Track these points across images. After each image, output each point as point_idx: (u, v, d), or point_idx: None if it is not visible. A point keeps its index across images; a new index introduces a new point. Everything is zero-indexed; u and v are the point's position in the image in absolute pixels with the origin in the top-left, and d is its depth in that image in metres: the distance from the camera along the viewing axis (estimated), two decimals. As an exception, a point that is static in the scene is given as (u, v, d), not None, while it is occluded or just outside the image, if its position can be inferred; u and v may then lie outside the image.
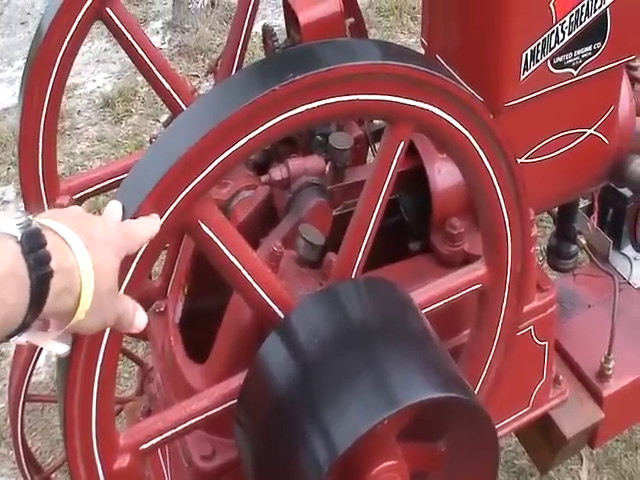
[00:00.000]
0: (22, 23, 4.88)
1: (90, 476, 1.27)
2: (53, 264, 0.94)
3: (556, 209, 2.16)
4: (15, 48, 4.56)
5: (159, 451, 1.71)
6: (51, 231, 0.97)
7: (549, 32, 1.62)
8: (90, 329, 1.06)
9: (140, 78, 3.89)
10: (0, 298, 0.90)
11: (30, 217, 0.96)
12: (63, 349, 1.07)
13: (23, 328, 0.95)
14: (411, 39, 4.39)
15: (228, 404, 1.34)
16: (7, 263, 0.91)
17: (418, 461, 1.31)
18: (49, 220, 0.98)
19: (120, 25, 1.75)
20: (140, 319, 1.12)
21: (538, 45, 1.61)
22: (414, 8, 4.62)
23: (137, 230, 1.12)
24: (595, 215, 2.17)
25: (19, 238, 0.93)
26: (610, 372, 2.07)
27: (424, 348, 1.34)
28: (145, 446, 1.31)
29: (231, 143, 1.17)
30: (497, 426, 1.74)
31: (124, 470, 1.29)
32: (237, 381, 1.34)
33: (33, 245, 0.93)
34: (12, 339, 0.97)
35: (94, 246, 1.00)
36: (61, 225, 0.98)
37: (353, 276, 1.40)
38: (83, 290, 0.98)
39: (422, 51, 1.80)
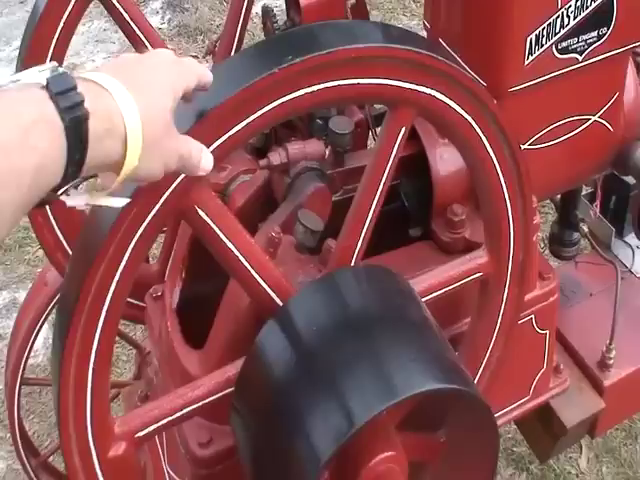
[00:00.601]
0: (21, 2, 4.84)
1: (84, 463, 1.26)
2: (87, 105, 0.88)
3: (558, 196, 2.14)
4: (14, 27, 4.52)
5: (156, 437, 1.70)
6: (81, 79, 0.91)
7: (554, 16, 1.60)
8: (151, 175, 0.99)
9: (139, 58, 3.87)
10: (30, 145, 0.84)
11: (56, 64, 0.91)
12: (123, 202, 1.02)
13: (69, 179, 0.89)
14: (413, 21, 4.35)
15: (225, 392, 1.33)
16: (33, 109, 0.85)
17: (417, 451, 1.30)
18: (84, 73, 0.93)
19: (118, 5, 1.73)
20: (207, 160, 1.06)
21: (543, 29, 1.59)
22: (416, -11, 4.59)
23: (192, 64, 1.06)
24: (598, 203, 2.15)
25: (44, 84, 0.88)
26: (611, 362, 2.05)
27: (424, 338, 1.32)
28: (141, 433, 1.30)
29: (229, 126, 1.15)
30: (497, 415, 1.74)
31: (119, 457, 1.28)
32: (234, 369, 1.32)
33: (61, 88, 0.87)
34: (62, 193, 0.91)
35: (138, 85, 0.94)
36: (97, 73, 0.93)
37: (353, 263, 1.38)
38: (129, 132, 0.92)
39: (424, 34, 1.78)
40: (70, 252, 1.83)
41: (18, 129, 0.83)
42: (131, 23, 1.75)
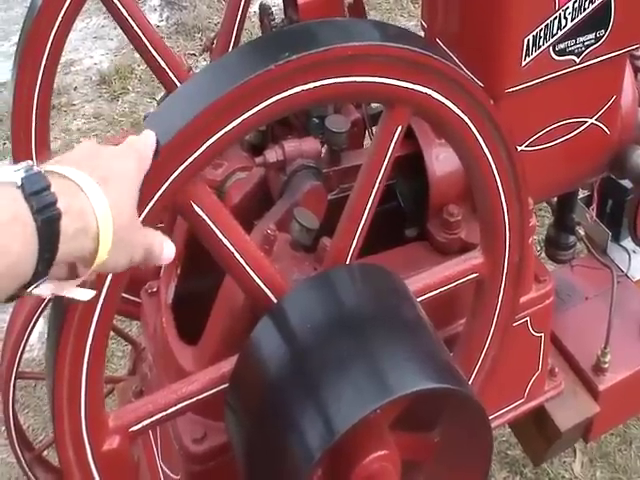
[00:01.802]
0: (20, -3, 4.86)
1: (78, 457, 1.26)
2: (61, 205, 0.90)
3: (555, 199, 2.14)
4: (12, 23, 4.52)
5: (150, 433, 1.70)
6: (56, 174, 0.93)
7: (551, 18, 1.60)
8: (117, 268, 1.01)
9: (137, 56, 3.86)
10: (2, 246, 0.85)
11: (30, 163, 0.93)
12: (89, 294, 1.03)
13: (38, 277, 0.90)
14: (411, 22, 4.36)
15: (219, 388, 1.33)
16: (7, 209, 0.87)
17: (410, 450, 1.30)
18: (54, 165, 0.94)
19: (116, 1, 1.73)
20: (168, 249, 1.08)
21: (540, 31, 1.59)
22: (414, -10, 4.60)
23: (141, 147, 1.08)
24: (594, 206, 2.16)
25: (19, 183, 0.89)
26: (606, 366, 2.05)
27: (418, 337, 1.32)
28: (135, 428, 1.30)
29: (225, 123, 1.15)
30: (491, 417, 1.74)
31: (113, 451, 1.28)
32: (228, 365, 1.32)
33: (35, 188, 0.89)
34: (31, 290, 0.92)
35: (108, 180, 0.96)
36: (67, 167, 0.94)
37: (348, 262, 1.38)
38: (101, 229, 0.94)
39: (422, 34, 1.78)
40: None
41: None
42: (130, 20, 1.75)
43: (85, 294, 1.02)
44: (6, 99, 3.96)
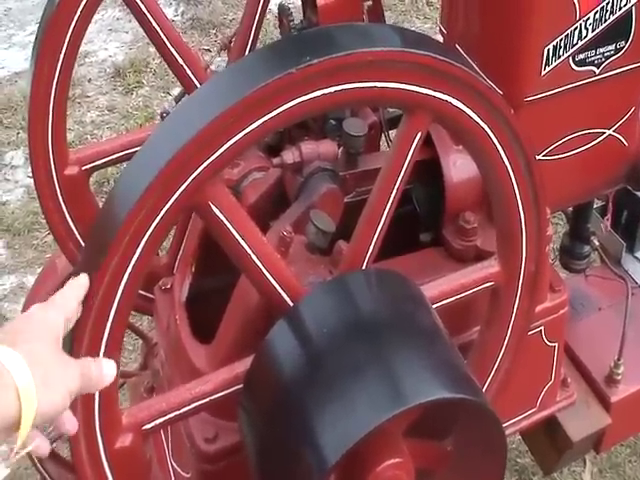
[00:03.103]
0: (35, -13, 4.87)
1: (91, 453, 1.27)
2: None
3: (570, 208, 2.14)
4: (27, 12, 4.53)
5: (161, 431, 1.71)
6: None
7: (572, 28, 1.60)
8: (56, 409, 1.04)
9: (152, 49, 3.86)
10: None
11: None
12: (34, 443, 1.06)
13: None
14: (426, 24, 4.35)
15: (233, 389, 1.33)
16: None
17: (424, 459, 1.30)
18: None
19: None
20: (108, 369, 1.12)
21: (560, 40, 1.59)
22: (430, -8, 4.59)
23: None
24: (609, 216, 2.15)
25: None
26: (619, 377, 2.04)
27: (434, 345, 1.32)
28: (148, 426, 1.30)
29: (245, 125, 1.15)
30: (504, 425, 1.73)
31: (126, 449, 1.29)
32: (242, 366, 1.33)
33: None
34: None
35: (17, 338, 1.01)
36: None
37: (364, 266, 1.39)
38: (17, 381, 0.97)
39: (438, 38, 1.78)
40: (81, 241, 1.84)
41: None
42: (147, 15, 1.75)
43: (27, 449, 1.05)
44: (20, 88, 3.99)
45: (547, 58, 1.60)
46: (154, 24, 1.76)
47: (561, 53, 1.61)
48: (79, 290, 1.15)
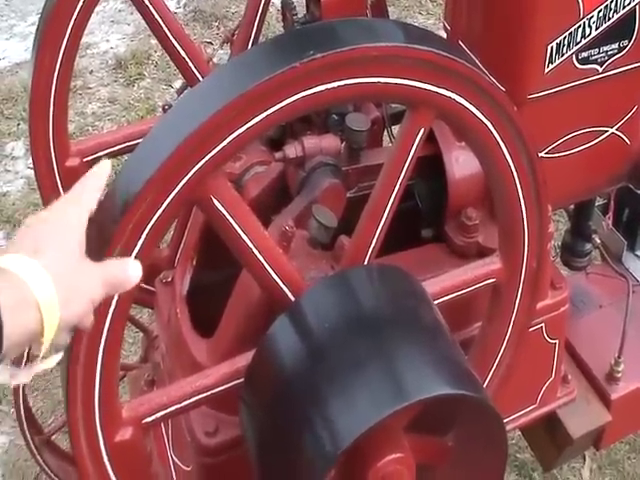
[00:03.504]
0: (36, -23, 4.86)
1: (91, 447, 1.27)
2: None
3: (572, 206, 2.14)
4: (29, 3, 4.52)
5: (162, 424, 1.71)
6: None
7: (575, 26, 1.60)
8: (80, 316, 1.03)
9: (154, 41, 3.85)
10: None
11: None
12: (57, 359, 1.05)
13: None
14: (429, 20, 4.34)
15: (233, 383, 1.33)
16: None
17: (425, 454, 1.30)
18: None
19: None
20: (134, 270, 1.09)
21: (564, 38, 1.59)
22: (433, -12, 4.58)
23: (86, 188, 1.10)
24: (610, 214, 2.15)
25: None
26: (619, 375, 2.04)
27: (436, 341, 1.32)
28: (148, 420, 1.31)
29: (248, 118, 1.15)
30: (503, 421, 1.73)
31: (126, 443, 1.29)
32: (244, 360, 1.33)
33: None
34: None
35: (39, 248, 0.99)
36: (2, 257, 0.97)
37: (366, 261, 1.39)
38: (39, 296, 0.95)
39: (441, 33, 1.78)
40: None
41: None
42: (149, 6, 1.75)
43: (53, 361, 1.04)
44: (21, 79, 3.98)
45: (550, 56, 1.60)
46: (156, 16, 1.76)
47: (564, 51, 1.61)
48: (100, 179, 1.12)
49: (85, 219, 1.06)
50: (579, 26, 1.60)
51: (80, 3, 1.68)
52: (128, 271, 1.09)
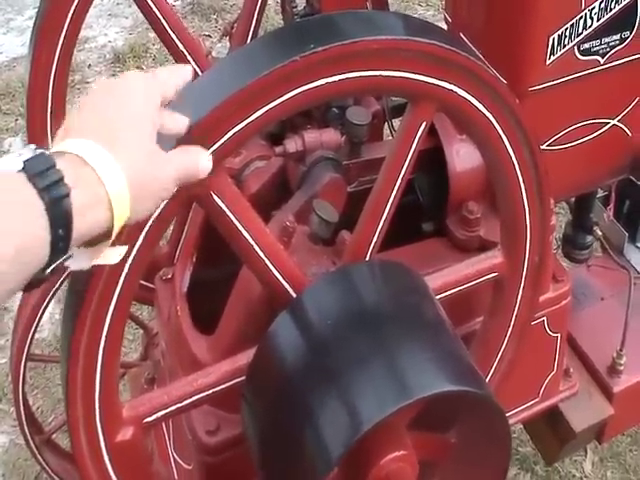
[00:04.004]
0: (33, -29, 4.84)
1: (92, 447, 1.26)
2: (68, 181, 0.88)
3: (573, 198, 2.13)
4: (26, -3, 4.53)
5: (163, 423, 1.70)
6: (60, 153, 0.92)
7: (577, 17, 1.58)
8: (149, 211, 1.00)
9: (152, 35, 3.83)
10: (6, 229, 0.84)
11: (32, 146, 0.91)
12: (121, 252, 1.00)
13: (56, 257, 0.89)
14: (428, 12, 4.32)
15: (235, 381, 1.32)
16: (10, 192, 0.86)
17: (428, 451, 1.29)
18: (57, 145, 0.93)
19: None
20: (204, 163, 1.05)
21: (565, 30, 1.58)
22: (433, -21, 4.56)
23: (165, 76, 1.06)
24: (611, 206, 2.14)
25: (21, 167, 0.88)
26: (621, 368, 2.04)
27: (438, 337, 1.31)
28: (149, 419, 1.30)
29: (248, 113, 1.14)
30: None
31: (127, 442, 1.28)
32: (245, 358, 1.32)
33: (39, 169, 0.88)
34: (51, 270, 0.90)
35: (114, 137, 0.94)
36: (71, 141, 0.93)
37: (368, 257, 1.37)
38: (113, 197, 0.91)
39: (443, 26, 1.77)
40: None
41: None
42: (148, 0, 1.73)
43: (115, 255, 1.00)
44: (18, 74, 3.96)
45: (552, 47, 1.58)
46: (154, 9, 1.74)
47: (566, 42, 1.59)
48: (180, 78, 1.07)
49: (158, 107, 1.01)
50: (581, 17, 1.59)
51: (77, -2, 1.66)
52: (200, 163, 1.05)
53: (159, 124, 1.01)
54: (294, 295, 1.31)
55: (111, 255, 0.99)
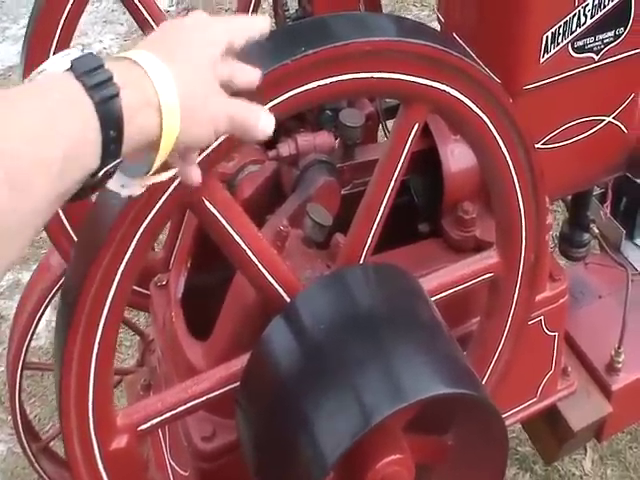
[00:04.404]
0: (28, -20, 4.83)
1: (86, 455, 1.25)
2: (117, 80, 0.85)
3: (569, 196, 2.12)
4: (21, 5, 4.50)
5: (159, 430, 1.69)
6: (111, 57, 0.89)
7: (571, 15, 1.58)
8: (200, 141, 0.96)
9: (147, 41, 3.85)
10: (57, 128, 0.81)
11: (79, 47, 0.89)
12: (171, 172, 0.99)
13: (108, 160, 0.86)
14: (423, 12, 4.32)
15: (229, 387, 1.31)
16: (58, 90, 0.83)
17: (425, 454, 1.28)
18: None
19: None
20: (265, 121, 0.99)
21: (559, 27, 1.57)
22: (427, -21, 4.56)
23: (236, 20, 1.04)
24: (608, 203, 2.13)
25: (70, 66, 0.85)
26: (620, 366, 2.03)
27: (434, 340, 1.31)
28: (143, 427, 1.28)
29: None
30: (504, 416, 1.72)
31: (122, 450, 1.27)
32: (239, 363, 1.31)
33: (87, 67, 0.85)
34: (101, 176, 0.87)
35: (174, 51, 0.92)
36: (129, 51, 0.91)
37: (362, 260, 1.36)
38: (163, 101, 0.89)
39: (435, 25, 1.76)
40: (74, 237, 1.82)
41: (42, 112, 0.81)
42: (139, 6, 1.73)
43: (167, 173, 0.98)
44: (14, 83, 3.95)
45: (546, 45, 1.58)
46: (147, 16, 1.74)
47: (560, 40, 1.59)
48: (255, 30, 1.04)
49: (224, 46, 0.98)
50: (574, 15, 1.59)
51: (69, 4, 1.66)
52: (260, 119, 1.00)
53: (228, 74, 0.98)
54: (288, 300, 1.30)
55: (163, 175, 0.97)
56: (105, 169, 0.87)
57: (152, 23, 1.75)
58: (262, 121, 0.99)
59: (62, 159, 0.81)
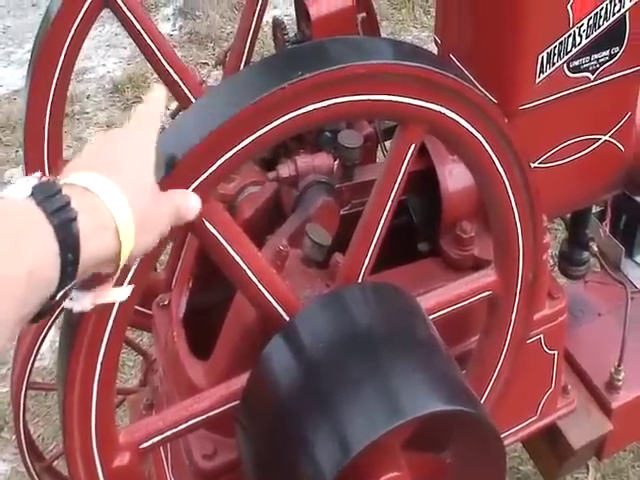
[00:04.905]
0: (33, 5, 4.88)
1: (89, 473, 1.26)
2: (74, 205, 0.89)
3: (569, 214, 2.13)
4: (26, 30, 4.55)
5: (161, 448, 1.70)
6: (65, 184, 0.92)
7: (566, 35, 1.59)
8: (148, 249, 1.01)
9: (150, 65, 3.89)
10: (20, 252, 0.84)
11: (39, 174, 0.92)
12: (127, 291, 1.03)
13: (65, 282, 0.90)
14: (423, 33, 4.36)
15: (230, 405, 1.32)
16: (20, 216, 0.87)
17: (422, 472, 1.28)
18: (63, 178, 0.94)
19: (128, 13, 1.73)
20: (194, 203, 1.07)
21: (555, 48, 1.59)
22: (427, 1, 4.59)
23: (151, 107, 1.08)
24: (607, 221, 2.15)
25: (30, 193, 0.89)
26: (620, 383, 2.03)
27: (431, 358, 1.32)
28: (145, 445, 1.30)
29: (238, 141, 1.15)
30: (504, 434, 1.72)
31: (124, 468, 1.28)
32: (240, 382, 1.32)
33: (47, 194, 0.89)
34: (59, 299, 0.92)
35: (118, 169, 0.96)
36: (75, 174, 0.94)
37: (360, 279, 1.38)
38: (119, 223, 0.93)
39: (435, 48, 1.78)
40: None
41: (6, 238, 0.84)
42: (142, 32, 1.75)
43: (123, 293, 1.03)
44: (19, 107, 3.97)
45: (541, 65, 1.59)
46: (148, 41, 1.76)
47: (555, 60, 1.60)
48: (158, 104, 1.09)
49: (152, 143, 1.03)
50: (569, 35, 1.60)
51: (73, 29, 1.68)
52: (190, 202, 1.07)
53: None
54: (287, 319, 1.31)
55: (116, 294, 1.02)
56: (63, 291, 0.91)
57: (155, 50, 1.77)
58: (192, 203, 1.07)
59: (26, 282, 0.84)
